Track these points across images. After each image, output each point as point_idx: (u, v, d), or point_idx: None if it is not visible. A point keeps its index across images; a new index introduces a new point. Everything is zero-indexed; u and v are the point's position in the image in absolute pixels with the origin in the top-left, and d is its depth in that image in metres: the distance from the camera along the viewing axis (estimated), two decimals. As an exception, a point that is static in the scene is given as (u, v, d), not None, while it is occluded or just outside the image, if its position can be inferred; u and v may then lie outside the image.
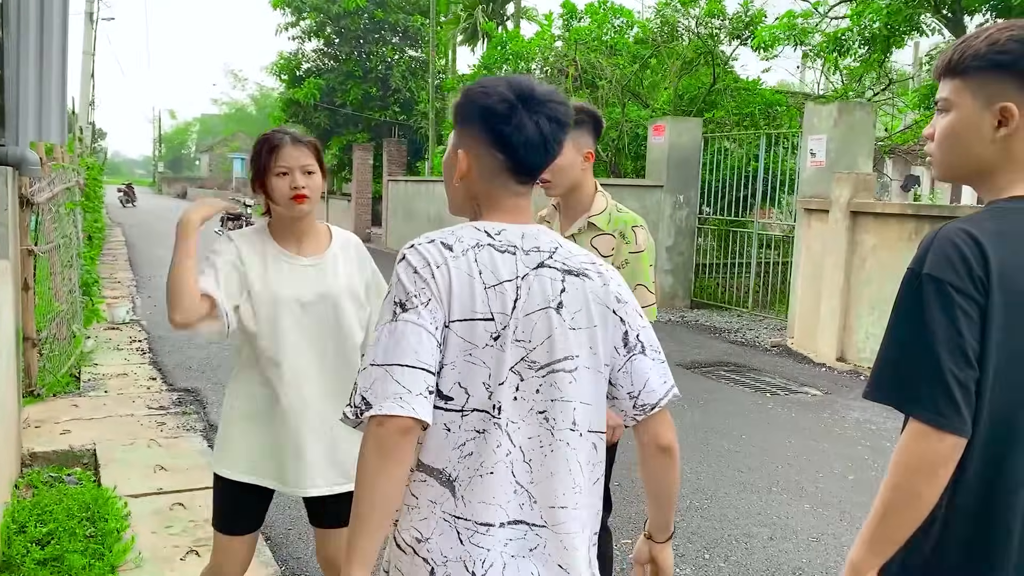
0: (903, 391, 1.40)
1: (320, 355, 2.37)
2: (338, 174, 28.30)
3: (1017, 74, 1.42)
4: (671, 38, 14.31)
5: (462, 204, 1.66)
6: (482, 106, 1.55)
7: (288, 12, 26.20)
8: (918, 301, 1.39)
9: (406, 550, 1.53)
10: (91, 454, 4.78)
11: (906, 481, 1.39)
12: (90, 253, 10.87)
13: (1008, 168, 1.46)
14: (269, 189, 2.32)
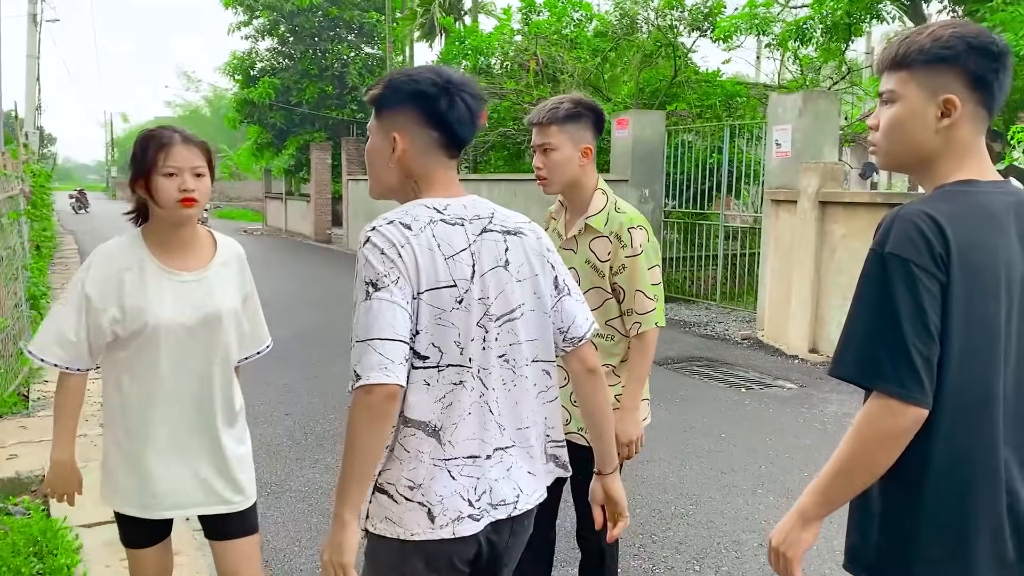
0: (868, 367, 1.46)
1: (201, 380, 2.26)
2: (295, 175, 27.84)
3: (959, 68, 1.52)
4: (631, 31, 14.20)
5: (395, 185, 1.83)
6: (415, 90, 1.75)
7: (240, 11, 25.68)
8: (882, 279, 1.46)
9: (399, 499, 1.73)
10: (40, 480, 4.48)
11: (866, 451, 1.47)
12: (38, 264, 10.46)
13: (949, 156, 1.55)
14: (153, 190, 2.14)
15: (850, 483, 1.51)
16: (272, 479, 4.69)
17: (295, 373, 7.13)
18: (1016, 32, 8.60)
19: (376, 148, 1.83)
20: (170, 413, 2.24)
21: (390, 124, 1.79)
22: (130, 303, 2.16)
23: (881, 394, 1.45)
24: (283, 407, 6.16)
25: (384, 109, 1.81)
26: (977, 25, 1.59)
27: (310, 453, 5.14)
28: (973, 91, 1.53)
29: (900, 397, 1.44)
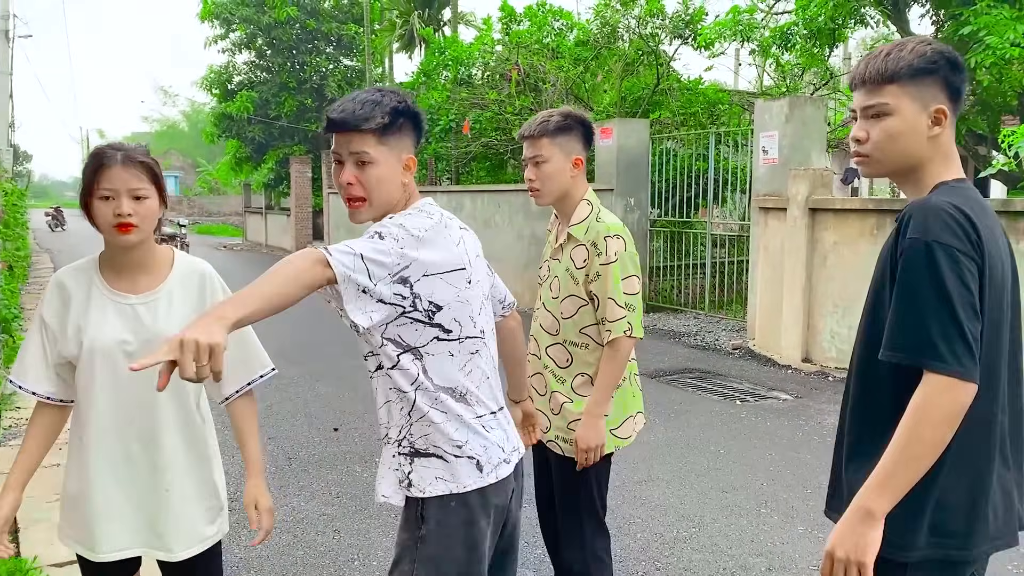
0: (925, 349, 1.53)
1: (145, 411, 2.09)
2: (275, 188, 27.58)
3: (942, 81, 1.68)
4: (612, 39, 14.11)
5: (398, 199, 1.98)
6: (414, 113, 1.99)
7: (217, 24, 25.44)
8: (933, 265, 1.54)
9: (449, 458, 1.93)
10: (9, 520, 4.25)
11: (933, 431, 1.52)
12: (10, 285, 10.17)
13: (936, 161, 1.70)
14: (92, 214, 2.03)
15: (918, 468, 1.54)
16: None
17: (277, 394, 6.92)
18: (1000, 35, 8.56)
19: (391, 171, 1.95)
20: (112, 445, 2.09)
21: (400, 147, 1.96)
22: (73, 326, 2.07)
23: (940, 373, 1.51)
24: (265, 431, 5.95)
25: (394, 134, 1.94)
26: (934, 41, 1.74)
27: (295, 479, 4.94)
28: (951, 101, 1.70)
29: (960, 375, 1.51)
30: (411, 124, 1.98)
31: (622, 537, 4.10)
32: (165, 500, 2.14)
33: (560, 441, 2.73)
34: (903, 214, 1.64)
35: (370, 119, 1.89)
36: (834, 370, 7.87)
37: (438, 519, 1.92)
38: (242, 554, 3.94)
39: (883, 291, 1.68)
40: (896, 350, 1.57)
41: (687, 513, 4.41)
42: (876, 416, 1.68)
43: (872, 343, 1.68)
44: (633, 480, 4.91)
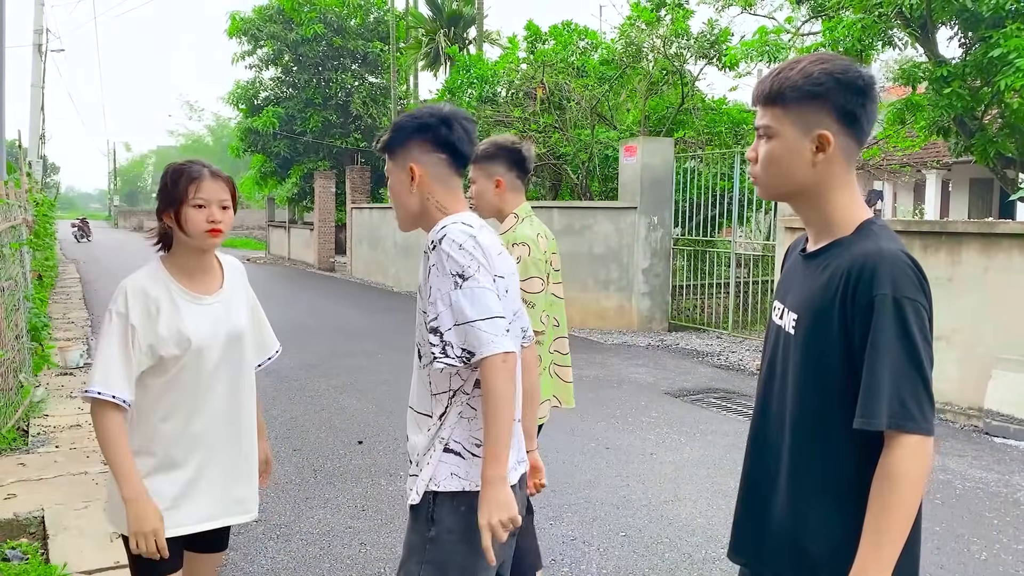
0: (898, 411, 1.49)
1: (233, 395, 2.38)
2: (299, 203, 27.79)
3: (829, 104, 1.58)
4: (637, 59, 14.15)
5: (418, 210, 2.11)
6: (420, 123, 2.09)
7: (245, 41, 25.79)
8: (904, 323, 1.51)
9: (467, 456, 2.00)
10: (39, 522, 4.28)
11: (915, 494, 1.49)
12: (40, 294, 10.31)
13: (837, 188, 1.63)
14: (183, 220, 2.26)
15: (907, 532, 1.51)
16: (280, 520, 4.49)
17: (302, 406, 6.94)
18: (1030, 58, 8.49)
19: (399, 183, 2.12)
20: (210, 429, 2.34)
21: (404, 158, 2.10)
22: (170, 329, 2.25)
23: (910, 434, 1.48)
24: (290, 442, 5.96)
25: (397, 148, 2.11)
26: (845, 59, 1.63)
27: (320, 492, 4.94)
28: (843, 125, 1.60)
29: (927, 432, 1.50)
30: (420, 134, 2.07)
31: (650, 557, 4.07)
32: (245, 468, 2.43)
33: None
34: (860, 264, 1.55)
35: (379, 140, 2.16)
36: (860, 392, 7.80)
37: (448, 523, 1.99)
38: (268, 565, 3.94)
39: (825, 338, 1.60)
40: (873, 417, 1.50)
41: (715, 534, 4.37)
42: (830, 467, 1.61)
43: (817, 389, 1.62)
44: (660, 500, 4.87)
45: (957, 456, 5.95)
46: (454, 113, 2.09)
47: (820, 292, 1.62)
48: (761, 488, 1.76)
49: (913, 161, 17.17)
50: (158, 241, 2.37)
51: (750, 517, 1.80)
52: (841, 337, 1.58)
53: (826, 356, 1.60)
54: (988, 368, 6.79)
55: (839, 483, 1.60)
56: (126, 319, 2.21)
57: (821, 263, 1.65)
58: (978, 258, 7.01)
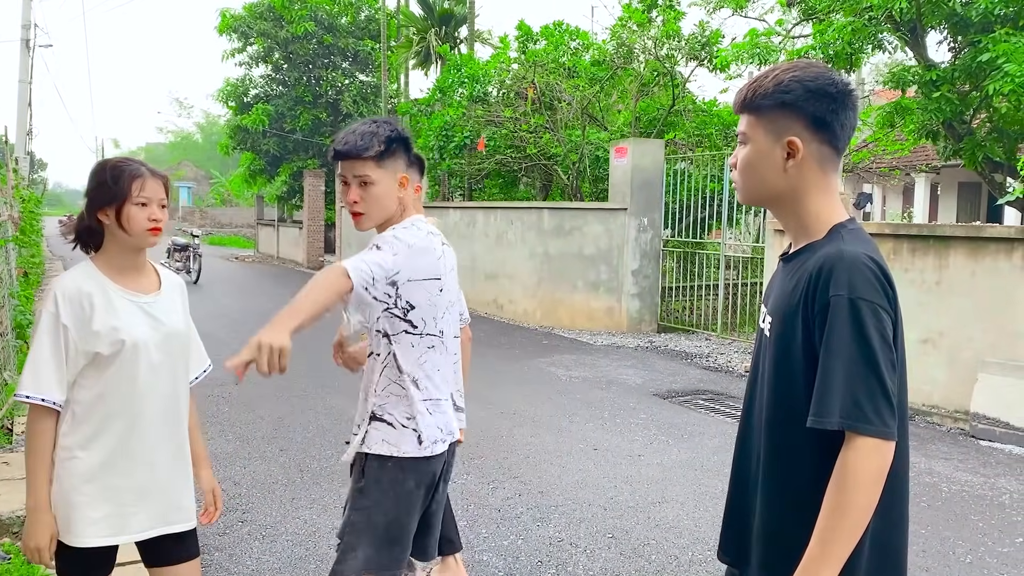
0: (852, 412, 1.48)
1: (169, 398, 2.36)
2: (288, 201, 27.68)
3: (799, 111, 1.61)
4: (628, 60, 14.16)
5: (393, 214, 2.49)
6: (404, 138, 2.50)
7: (235, 38, 25.62)
8: (859, 324, 1.50)
9: (397, 426, 2.43)
10: (21, 521, 4.23)
11: (865, 496, 1.48)
12: (26, 291, 10.23)
13: (813, 194, 1.65)
14: (125, 218, 2.24)
15: (856, 534, 1.51)
16: (266, 520, 4.46)
17: (288, 406, 6.91)
18: (1018, 62, 8.52)
19: (388, 188, 2.46)
20: (147, 432, 2.30)
21: (395, 169, 2.47)
22: (104, 325, 2.22)
23: (865, 436, 1.48)
24: (277, 443, 5.93)
25: (389, 158, 2.45)
26: (820, 67, 1.66)
27: (306, 492, 4.92)
28: (815, 132, 1.62)
29: (885, 436, 1.49)
30: (402, 147, 2.48)
31: (636, 559, 4.07)
32: (183, 474, 2.41)
33: None
34: (819, 265, 1.57)
35: (369, 148, 2.40)
36: (848, 395, 7.82)
37: (375, 475, 2.42)
38: (254, 565, 3.92)
39: (791, 341, 1.62)
40: (825, 416, 1.51)
41: (701, 536, 4.37)
42: (796, 468, 1.64)
43: (783, 392, 1.64)
44: (647, 501, 4.87)
45: (943, 459, 5.97)
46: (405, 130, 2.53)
47: (789, 295, 1.65)
48: (744, 489, 1.79)
49: (902, 164, 17.25)
50: (77, 239, 2.33)
51: (734, 517, 1.82)
52: (804, 339, 1.60)
53: (793, 358, 1.62)
54: (975, 372, 6.82)
55: (805, 484, 1.61)
56: (57, 319, 2.18)
57: (794, 267, 1.68)
58: (965, 262, 7.04)
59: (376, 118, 2.55)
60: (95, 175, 2.28)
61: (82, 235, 2.32)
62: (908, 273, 7.37)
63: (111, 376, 2.24)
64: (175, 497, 2.37)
